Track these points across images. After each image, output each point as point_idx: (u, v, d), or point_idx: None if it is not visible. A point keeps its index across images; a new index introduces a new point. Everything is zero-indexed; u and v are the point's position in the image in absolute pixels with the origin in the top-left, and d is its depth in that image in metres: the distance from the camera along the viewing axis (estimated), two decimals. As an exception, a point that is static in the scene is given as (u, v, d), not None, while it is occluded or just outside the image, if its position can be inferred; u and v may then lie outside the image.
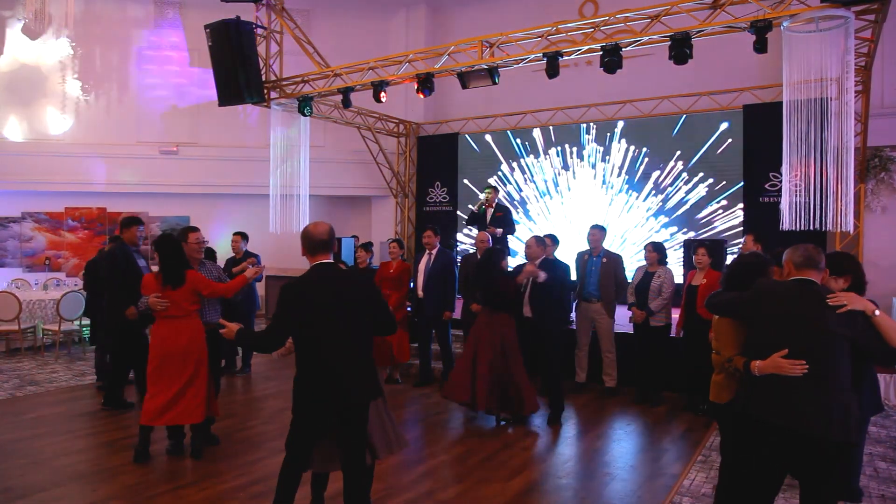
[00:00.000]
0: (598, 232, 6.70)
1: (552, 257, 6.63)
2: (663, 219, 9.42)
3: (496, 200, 8.08)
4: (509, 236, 7.89)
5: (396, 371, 7.25)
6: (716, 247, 6.39)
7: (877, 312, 2.77)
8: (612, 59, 6.44)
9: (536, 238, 5.91)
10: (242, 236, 7.74)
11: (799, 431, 2.73)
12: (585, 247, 6.90)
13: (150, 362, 4.54)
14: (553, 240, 6.67)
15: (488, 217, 7.91)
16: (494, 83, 7.34)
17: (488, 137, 10.92)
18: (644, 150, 9.55)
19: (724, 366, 3.10)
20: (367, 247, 7.33)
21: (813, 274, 2.94)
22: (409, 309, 7.19)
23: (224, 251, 8.48)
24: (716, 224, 9.00)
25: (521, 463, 4.76)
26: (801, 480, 2.87)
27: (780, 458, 2.82)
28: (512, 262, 7.07)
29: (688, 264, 7.19)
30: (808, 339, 2.79)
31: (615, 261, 6.69)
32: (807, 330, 2.81)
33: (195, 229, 4.99)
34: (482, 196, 8.07)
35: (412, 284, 7.13)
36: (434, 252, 6.90)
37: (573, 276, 6.85)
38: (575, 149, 10.15)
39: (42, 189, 11.04)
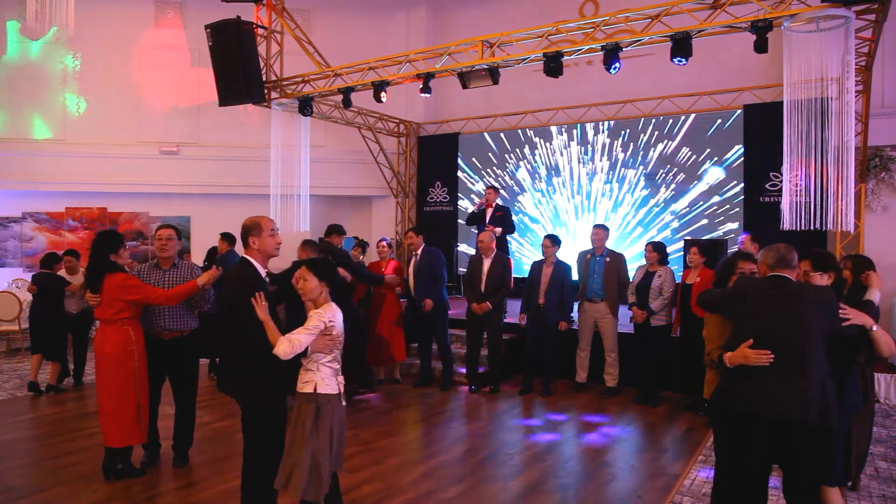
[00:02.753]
0: (601, 231, 6.69)
1: (554, 257, 6.67)
2: (663, 218, 9.42)
3: (496, 200, 8.09)
4: (505, 235, 7.90)
5: (396, 370, 7.24)
6: (711, 246, 6.39)
7: (874, 328, 3.01)
8: (612, 59, 6.44)
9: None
10: (225, 238, 7.48)
11: (780, 418, 2.87)
12: (585, 246, 6.90)
13: None
14: (553, 240, 6.69)
15: (488, 217, 7.92)
16: (495, 83, 7.34)
17: (488, 137, 10.92)
18: (644, 150, 9.55)
19: (705, 360, 3.27)
20: (363, 245, 7.32)
21: (787, 272, 3.08)
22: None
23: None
24: (716, 224, 8.99)
25: (521, 463, 4.76)
26: (783, 466, 2.99)
27: (762, 447, 2.93)
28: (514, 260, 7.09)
29: (687, 264, 7.19)
30: (785, 331, 2.93)
31: (618, 260, 6.69)
32: (784, 323, 2.94)
33: (164, 226, 4.56)
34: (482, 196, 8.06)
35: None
36: (419, 251, 6.95)
37: (574, 276, 6.87)
38: (575, 149, 10.14)
39: (42, 189, 11.04)
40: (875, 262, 3.94)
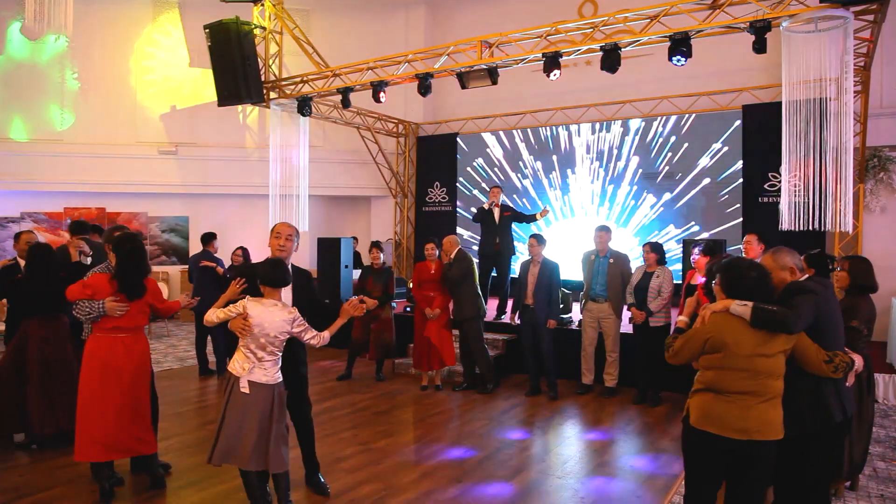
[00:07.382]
0: (604, 233, 6.66)
1: (541, 256, 6.65)
2: (662, 219, 9.44)
3: (501, 199, 8.10)
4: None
5: (438, 376, 6.95)
6: (713, 246, 6.40)
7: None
8: (611, 59, 6.45)
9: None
10: (208, 236, 7.51)
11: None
12: (591, 247, 6.88)
13: (87, 384, 3.85)
14: (539, 240, 6.67)
15: (496, 216, 7.90)
16: (493, 83, 7.34)
17: (487, 137, 10.93)
18: (643, 150, 9.56)
19: (835, 363, 2.72)
20: (379, 245, 7.25)
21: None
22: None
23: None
24: (715, 224, 9.01)
25: (521, 463, 4.76)
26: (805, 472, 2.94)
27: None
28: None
29: (686, 263, 7.19)
30: (834, 333, 2.88)
31: (622, 261, 6.66)
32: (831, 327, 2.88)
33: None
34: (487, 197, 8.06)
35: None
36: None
37: (570, 276, 6.85)
38: (574, 149, 10.15)
39: (41, 189, 11.03)
40: (873, 263, 3.95)
